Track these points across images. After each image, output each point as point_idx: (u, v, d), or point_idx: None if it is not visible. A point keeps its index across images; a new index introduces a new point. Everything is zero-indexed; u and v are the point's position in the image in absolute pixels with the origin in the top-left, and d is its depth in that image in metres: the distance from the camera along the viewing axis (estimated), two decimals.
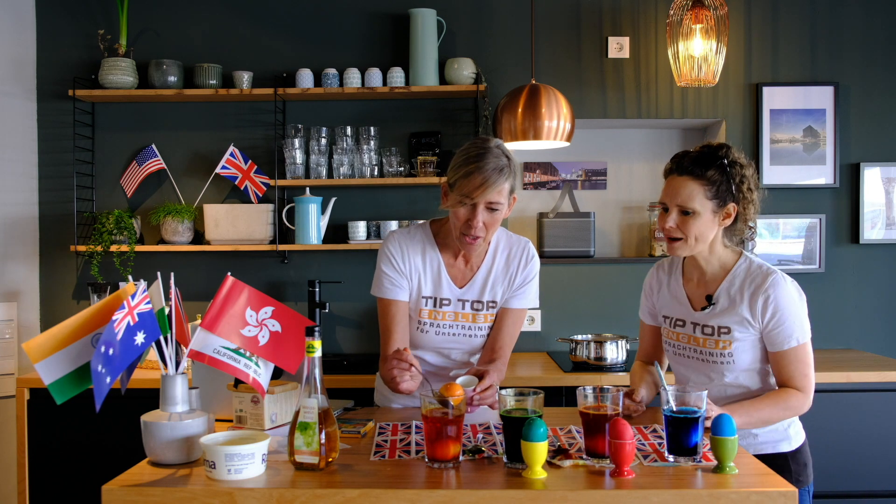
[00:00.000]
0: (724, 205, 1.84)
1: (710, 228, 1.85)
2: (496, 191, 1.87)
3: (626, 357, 3.07)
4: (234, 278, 1.64)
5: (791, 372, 1.83)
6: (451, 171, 1.93)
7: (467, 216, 1.90)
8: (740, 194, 1.84)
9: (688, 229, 1.84)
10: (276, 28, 3.45)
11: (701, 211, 1.82)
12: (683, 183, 1.85)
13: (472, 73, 3.32)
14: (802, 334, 1.83)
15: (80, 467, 2.92)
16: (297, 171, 3.32)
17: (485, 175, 1.85)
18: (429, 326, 2.05)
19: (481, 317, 2.06)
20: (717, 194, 1.82)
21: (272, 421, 1.79)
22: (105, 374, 1.41)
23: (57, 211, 3.43)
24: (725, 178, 1.82)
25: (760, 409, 1.80)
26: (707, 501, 1.37)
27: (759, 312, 1.83)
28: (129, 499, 1.40)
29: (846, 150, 3.44)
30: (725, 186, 1.82)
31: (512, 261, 2.06)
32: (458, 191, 1.89)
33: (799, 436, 1.94)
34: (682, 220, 1.85)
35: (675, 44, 3.12)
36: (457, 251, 2.05)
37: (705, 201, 1.82)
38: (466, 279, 2.05)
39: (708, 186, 1.82)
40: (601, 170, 3.56)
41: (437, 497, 1.38)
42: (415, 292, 2.04)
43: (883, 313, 3.45)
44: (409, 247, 2.03)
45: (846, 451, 2.81)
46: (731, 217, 1.85)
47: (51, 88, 3.43)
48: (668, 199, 1.88)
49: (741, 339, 1.85)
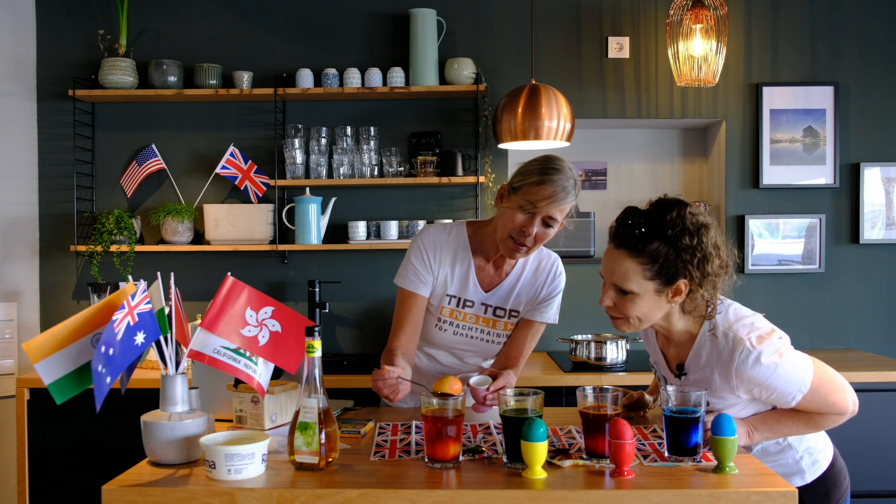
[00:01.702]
0: (672, 282, 1.57)
1: (656, 308, 1.61)
2: (560, 207, 1.87)
3: (626, 357, 3.07)
4: (234, 278, 1.64)
5: (819, 409, 1.62)
6: (519, 175, 1.91)
7: (524, 223, 1.88)
8: (691, 269, 1.56)
9: (626, 310, 1.61)
10: (276, 28, 3.45)
11: (640, 292, 1.58)
12: (619, 259, 1.60)
13: (472, 73, 3.32)
14: (804, 384, 1.59)
15: (80, 467, 2.92)
16: (297, 171, 3.32)
17: (555, 189, 1.84)
18: (448, 325, 2.05)
19: (501, 324, 2.06)
20: (661, 272, 1.56)
21: (272, 421, 1.79)
22: (105, 374, 1.41)
23: (57, 211, 3.43)
24: (673, 251, 1.55)
25: (786, 423, 1.62)
26: (707, 501, 1.37)
27: (740, 391, 1.61)
28: (129, 499, 1.40)
29: (846, 150, 3.44)
30: (672, 262, 1.55)
31: (540, 274, 2.06)
32: (523, 195, 1.87)
33: (815, 469, 1.75)
34: (621, 300, 1.61)
35: (675, 44, 3.12)
36: (489, 255, 2.04)
37: (644, 282, 1.57)
38: (493, 285, 2.05)
39: (648, 265, 1.56)
40: (601, 170, 3.56)
41: (437, 497, 1.38)
42: (440, 289, 2.04)
43: (883, 313, 3.45)
44: (443, 244, 2.04)
45: (845, 451, 2.79)
46: (682, 294, 1.59)
47: (51, 88, 3.43)
48: (604, 272, 1.64)
49: (733, 403, 1.66)
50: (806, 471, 1.75)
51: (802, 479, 1.74)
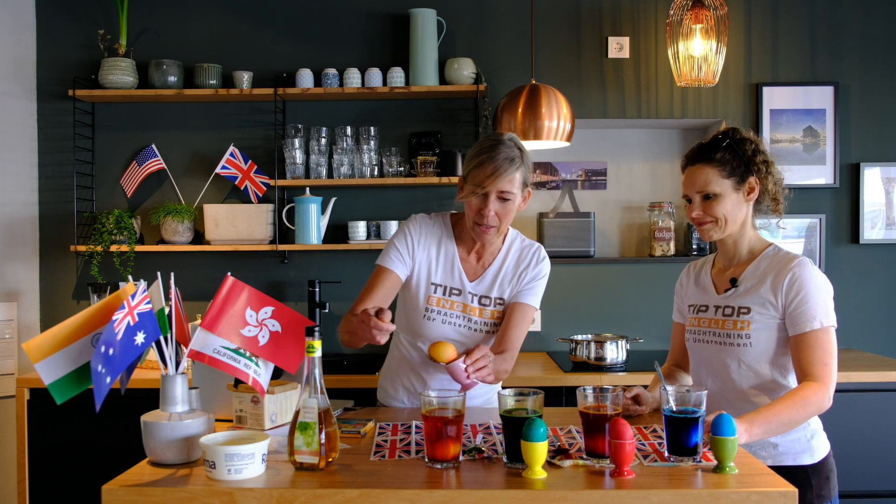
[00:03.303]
0: (744, 180, 1.87)
1: (738, 207, 1.88)
2: (507, 180, 1.92)
3: (626, 357, 3.07)
4: (234, 278, 1.64)
5: (810, 357, 1.75)
6: (465, 163, 2.00)
7: (479, 206, 1.95)
8: (754, 166, 1.86)
9: (714, 212, 1.86)
10: (276, 28, 3.45)
11: (721, 192, 1.85)
12: (698, 171, 1.88)
13: (472, 73, 3.32)
14: (827, 318, 1.78)
15: (80, 467, 2.92)
16: (297, 171, 3.32)
17: (496, 164, 1.91)
18: (436, 314, 2.07)
19: (487, 312, 2.08)
20: (733, 172, 1.86)
21: (272, 421, 1.79)
22: (105, 374, 1.41)
23: (57, 211, 3.43)
24: (736, 155, 1.86)
25: (779, 411, 1.70)
26: (707, 501, 1.37)
27: (782, 292, 1.81)
28: (129, 499, 1.40)
29: (846, 150, 3.44)
30: (738, 162, 1.86)
31: (522, 260, 2.10)
32: (471, 181, 1.95)
33: (823, 447, 1.87)
34: (707, 205, 1.87)
35: (675, 44, 3.12)
36: (471, 246, 2.09)
37: (722, 181, 1.85)
38: (478, 274, 2.09)
39: (721, 167, 1.85)
40: (601, 170, 3.56)
41: (437, 497, 1.38)
42: (423, 276, 2.07)
43: (883, 313, 3.45)
44: (429, 230, 2.09)
45: (846, 451, 2.80)
46: (755, 191, 1.88)
47: (51, 88, 3.43)
48: (689, 189, 1.91)
49: (760, 320, 1.83)
50: (815, 449, 1.84)
51: (812, 457, 1.83)
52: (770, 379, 1.84)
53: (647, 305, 3.45)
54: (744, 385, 1.86)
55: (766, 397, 1.83)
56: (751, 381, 1.85)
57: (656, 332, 3.41)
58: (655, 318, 3.40)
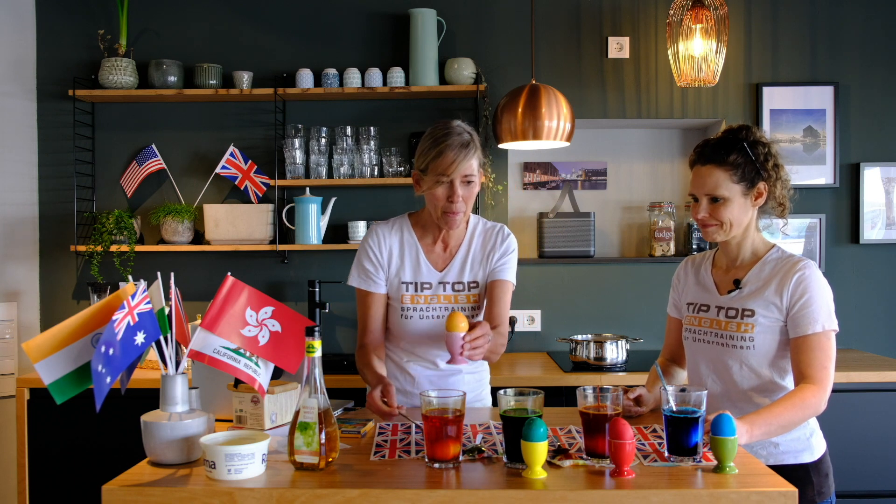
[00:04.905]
0: (753, 186, 1.84)
1: (744, 211, 1.86)
2: (468, 164, 1.98)
3: (626, 357, 3.07)
4: (234, 278, 1.64)
5: (811, 360, 1.76)
6: (419, 157, 2.02)
7: (447, 193, 1.99)
8: (766, 172, 1.84)
9: (720, 215, 1.85)
10: (276, 28, 3.45)
11: (730, 196, 1.84)
12: (708, 172, 1.85)
13: (472, 73, 3.32)
14: (829, 322, 1.79)
15: (80, 467, 2.92)
16: (297, 171, 3.32)
17: (455, 151, 1.96)
18: (412, 312, 2.09)
19: (463, 297, 2.11)
20: (744, 177, 1.83)
21: (272, 421, 1.79)
22: (105, 374, 1.41)
23: (57, 211, 3.43)
24: (749, 159, 1.83)
25: (779, 413, 1.71)
26: (707, 501, 1.37)
27: (787, 294, 1.81)
28: (129, 499, 1.40)
29: (846, 150, 3.44)
30: (751, 167, 1.83)
31: (488, 241, 2.14)
32: (432, 172, 1.99)
33: (821, 445, 1.89)
34: (714, 208, 1.86)
35: (675, 44, 3.12)
36: (435, 237, 2.13)
37: (732, 186, 1.83)
38: (445, 263, 2.12)
39: (732, 171, 1.83)
40: (601, 170, 3.56)
41: (437, 497, 1.38)
42: (395, 280, 2.11)
43: (883, 313, 3.45)
44: (387, 236, 2.14)
45: (846, 451, 2.80)
46: (763, 196, 1.86)
47: (51, 88, 3.43)
48: (696, 189, 1.88)
49: (764, 323, 1.83)
50: (814, 447, 1.87)
51: (811, 454, 1.86)
52: (769, 380, 1.85)
53: (647, 305, 3.45)
54: (744, 385, 1.86)
55: (766, 398, 1.84)
56: (751, 383, 1.86)
57: (656, 332, 3.40)
58: (655, 318, 3.39)
